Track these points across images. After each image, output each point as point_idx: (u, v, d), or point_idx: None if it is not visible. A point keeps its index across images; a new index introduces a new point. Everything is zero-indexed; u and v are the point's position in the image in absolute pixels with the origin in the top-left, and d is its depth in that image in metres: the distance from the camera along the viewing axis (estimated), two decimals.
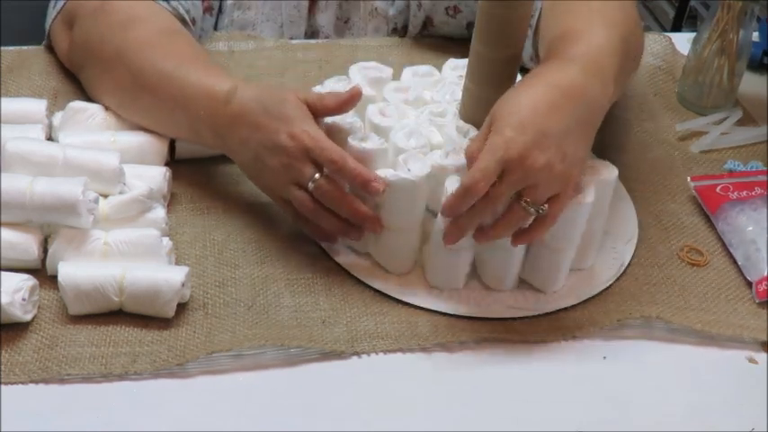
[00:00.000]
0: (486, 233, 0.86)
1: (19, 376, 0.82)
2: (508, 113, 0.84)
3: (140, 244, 0.89)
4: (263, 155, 0.90)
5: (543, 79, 0.87)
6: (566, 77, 0.86)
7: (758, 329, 0.92)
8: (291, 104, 0.90)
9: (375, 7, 1.25)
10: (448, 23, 1.26)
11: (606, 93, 0.89)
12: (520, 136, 0.82)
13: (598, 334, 0.91)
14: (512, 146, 0.81)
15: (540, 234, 0.86)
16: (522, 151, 0.81)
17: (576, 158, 0.85)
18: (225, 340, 0.85)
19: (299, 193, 0.89)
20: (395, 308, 0.91)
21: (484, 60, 0.90)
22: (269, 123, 0.90)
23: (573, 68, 0.87)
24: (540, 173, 0.82)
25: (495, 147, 0.82)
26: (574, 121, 0.85)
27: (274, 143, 0.89)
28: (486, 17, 0.88)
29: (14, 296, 0.84)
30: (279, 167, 0.89)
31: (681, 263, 0.99)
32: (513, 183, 0.82)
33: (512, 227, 0.86)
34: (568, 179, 0.84)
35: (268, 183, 0.93)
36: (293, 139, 0.88)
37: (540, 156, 0.82)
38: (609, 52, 0.91)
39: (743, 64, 1.20)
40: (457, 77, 1.01)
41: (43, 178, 0.89)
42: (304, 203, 0.89)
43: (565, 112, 0.84)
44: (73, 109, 1.02)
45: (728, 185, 1.06)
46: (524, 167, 0.82)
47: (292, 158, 0.88)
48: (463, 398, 0.84)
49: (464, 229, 0.86)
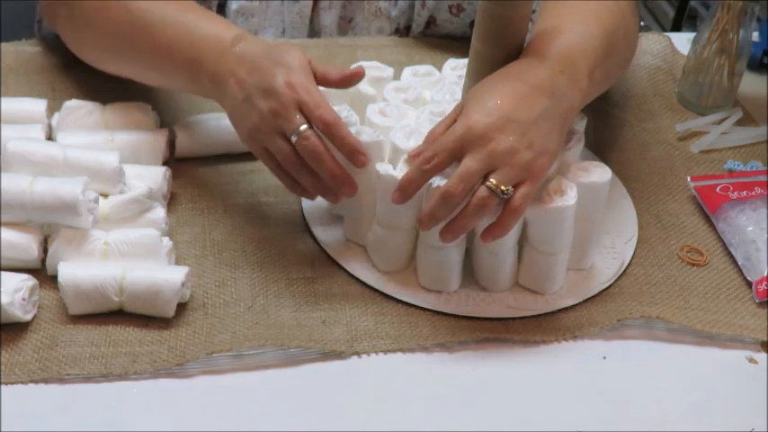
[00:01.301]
0: (452, 225, 0.85)
1: (19, 376, 0.82)
2: (475, 100, 0.86)
3: (140, 244, 0.89)
4: (255, 96, 0.88)
5: (513, 75, 0.88)
6: (535, 74, 0.88)
7: (758, 329, 0.92)
8: (296, 56, 0.89)
9: (378, 7, 1.25)
10: (451, 22, 1.26)
11: (577, 90, 0.90)
12: (484, 118, 0.84)
13: (598, 334, 0.91)
14: (475, 126, 0.83)
15: (509, 226, 0.85)
16: (485, 132, 0.83)
17: (544, 149, 0.85)
18: (225, 340, 0.85)
19: (282, 143, 0.88)
20: (395, 308, 0.91)
21: (484, 60, 0.90)
22: (269, 66, 0.89)
23: (543, 66, 0.89)
24: (504, 156, 0.83)
25: (458, 127, 0.84)
26: (541, 113, 0.86)
27: (270, 85, 0.88)
28: (486, 17, 0.88)
29: (14, 296, 0.84)
30: (267, 113, 0.88)
31: (681, 263, 0.99)
32: (476, 161, 0.83)
33: (477, 212, 0.84)
34: (533, 168, 0.84)
35: (252, 127, 0.89)
36: (289, 87, 0.87)
37: (504, 139, 0.83)
38: (583, 50, 0.92)
39: (743, 64, 1.20)
40: (457, 77, 1.01)
41: (43, 178, 0.89)
42: (285, 155, 0.88)
43: (532, 103, 0.86)
44: (69, 107, 1.03)
45: (728, 185, 1.06)
46: (487, 148, 0.83)
47: (283, 106, 0.87)
48: (463, 398, 0.84)
49: (436, 215, 0.85)
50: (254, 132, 0.90)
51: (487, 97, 0.85)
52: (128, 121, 1.04)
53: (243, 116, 0.90)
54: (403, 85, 1.01)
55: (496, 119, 0.84)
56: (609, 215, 0.96)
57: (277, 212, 1.00)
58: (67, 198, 0.87)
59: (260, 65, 0.89)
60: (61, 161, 0.93)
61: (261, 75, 0.89)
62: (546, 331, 0.90)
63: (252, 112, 0.89)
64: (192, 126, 1.05)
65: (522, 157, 0.83)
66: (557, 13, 0.98)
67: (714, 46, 1.19)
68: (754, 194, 1.04)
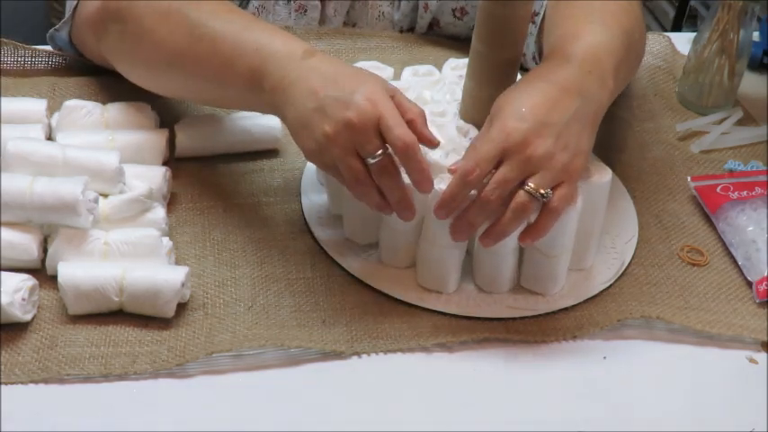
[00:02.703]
0: (492, 231, 0.85)
1: (19, 376, 0.82)
2: (508, 107, 0.85)
3: (140, 244, 0.89)
4: (329, 107, 0.83)
5: (541, 77, 0.88)
6: (563, 75, 0.87)
7: (758, 329, 0.92)
8: (378, 79, 0.86)
9: (381, 11, 1.25)
10: (455, 25, 1.26)
11: (605, 89, 0.90)
12: (521, 124, 0.83)
13: (598, 334, 0.91)
14: (512, 134, 0.83)
15: (548, 227, 0.85)
16: (523, 139, 0.82)
17: (578, 150, 0.85)
18: (225, 340, 0.85)
19: (355, 162, 0.83)
20: (395, 308, 0.91)
21: (484, 60, 0.90)
22: (348, 81, 0.84)
23: (570, 66, 0.88)
24: (541, 161, 0.83)
25: (495, 136, 0.83)
26: (573, 115, 0.85)
27: (349, 99, 0.82)
28: (487, 17, 0.88)
29: (14, 296, 0.84)
30: (343, 125, 0.82)
31: (681, 263, 0.99)
32: (514, 168, 0.82)
33: (517, 218, 0.84)
34: (570, 169, 0.84)
35: (323, 139, 0.83)
36: (370, 102, 0.82)
37: (541, 143, 0.83)
38: (608, 49, 0.92)
39: (743, 64, 1.20)
40: (457, 77, 1.01)
41: (43, 178, 0.89)
42: (356, 174, 0.84)
43: (563, 106, 0.85)
44: (69, 107, 1.03)
45: (729, 185, 1.06)
46: (525, 154, 0.82)
47: (361, 122, 0.82)
48: (463, 398, 0.84)
49: (473, 222, 0.85)
50: (325, 145, 0.84)
51: (519, 103, 0.85)
52: (128, 121, 1.04)
53: (312, 127, 0.84)
54: (403, 84, 1.00)
55: (532, 124, 0.83)
56: (609, 215, 0.96)
57: (277, 212, 1.00)
58: (67, 198, 0.87)
59: (337, 78, 0.85)
60: (61, 161, 0.93)
61: (338, 87, 0.84)
62: (546, 331, 0.90)
63: (324, 124, 0.83)
64: (192, 126, 1.06)
65: (558, 160, 0.83)
66: (576, 14, 0.98)
67: (714, 46, 1.18)
68: (754, 194, 1.04)
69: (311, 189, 1.02)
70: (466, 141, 0.91)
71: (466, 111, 0.94)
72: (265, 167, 1.06)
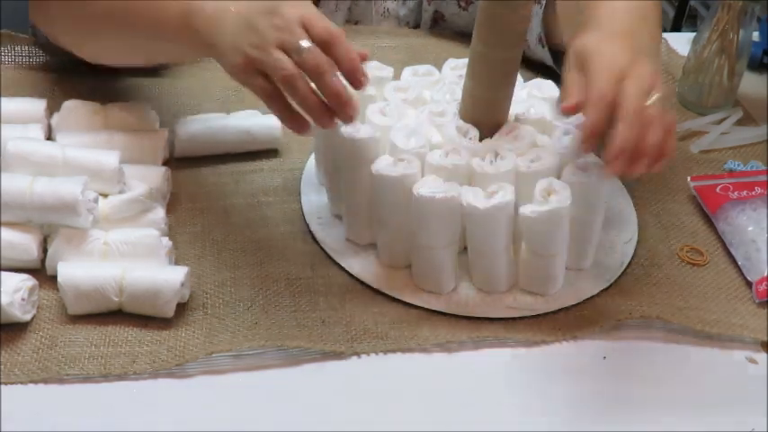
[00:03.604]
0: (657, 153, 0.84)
1: (18, 376, 0.82)
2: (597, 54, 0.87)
3: (140, 244, 0.89)
4: (256, 17, 0.84)
5: (601, 25, 0.92)
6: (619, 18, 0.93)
7: (758, 329, 0.92)
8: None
9: (386, 8, 1.24)
10: (460, 16, 1.25)
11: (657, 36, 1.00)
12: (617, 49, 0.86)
13: (598, 334, 0.91)
14: (617, 60, 0.85)
15: (674, 138, 0.86)
16: (630, 61, 0.85)
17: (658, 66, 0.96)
18: (224, 340, 0.85)
19: (282, 56, 0.83)
20: (395, 308, 0.91)
21: (484, 60, 0.90)
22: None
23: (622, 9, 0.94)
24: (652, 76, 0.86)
25: (606, 64, 0.85)
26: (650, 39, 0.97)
27: (273, 7, 0.84)
28: (486, 17, 0.88)
29: (14, 296, 0.84)
30: (269, 28, 0.83)
31: (681, 263, 0.99)
32: (636, 92, 0.83)
33: (663, 131, 0.83)
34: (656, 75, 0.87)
35: (250, 46, 0.84)
36: (293, 7, 0.84)
37: (645, 62, 0.86)
38: (643, 14, 0.98)
39: (743, 64, 1.20)
40: (457, 77, 1.01)
41: (43, 178, 0.89)
42: (286, 69, 0.83)
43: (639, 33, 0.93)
44: (69, 107, 1.03)
45: (728, 185, 1.06)
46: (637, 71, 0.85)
47: (287, 21, 0.83)
48: (462, 398, 0.84)
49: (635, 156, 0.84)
50: (252, 50, 0.84)
51: (604, 45, 0.87)
52: (128, 121, 1.04)
53: (241, 40, 0.85)
54: (403, 84, 1.00)
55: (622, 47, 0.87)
56: (608, 215, 0.96)
57: (277, 212, 1.00)
58: (67, 198, 0.87)
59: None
60: (61, 161, 0.93)
61: (264, 3, 0.85)
62: (546, 331, 0.90)
63: (251, 34, 0.84)
64: (192, 126, 1.05)
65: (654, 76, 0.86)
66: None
67: (714, 46, 1.19)
68: (754, 194, 1.04)
69: (311, 189, 1.02)
70: (466, 141, 0.91)
71: (466, 111, 0.94)
72: (265, 167, 1.06)
